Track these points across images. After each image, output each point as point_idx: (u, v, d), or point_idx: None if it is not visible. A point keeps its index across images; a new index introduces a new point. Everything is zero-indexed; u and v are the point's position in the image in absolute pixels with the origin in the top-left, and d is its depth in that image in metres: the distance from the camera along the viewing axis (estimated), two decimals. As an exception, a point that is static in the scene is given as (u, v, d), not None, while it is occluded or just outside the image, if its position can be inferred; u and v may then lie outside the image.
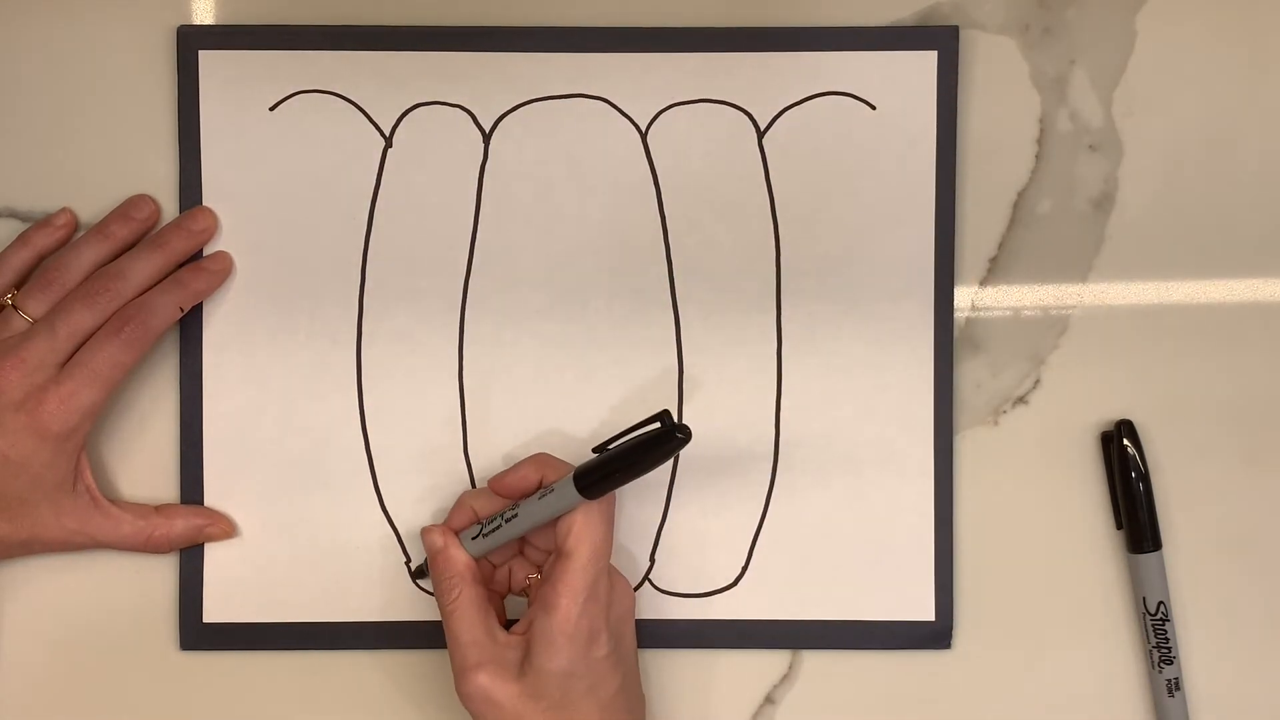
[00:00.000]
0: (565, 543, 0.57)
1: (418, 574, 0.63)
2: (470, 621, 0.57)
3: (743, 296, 0.63)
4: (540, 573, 0.60)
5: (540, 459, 0.60)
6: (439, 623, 0.58)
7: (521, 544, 0.61)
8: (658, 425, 0.55)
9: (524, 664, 0.57)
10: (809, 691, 0.64)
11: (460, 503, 0.60)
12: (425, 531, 0.59)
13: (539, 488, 0.59)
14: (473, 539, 0.59)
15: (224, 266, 0.62)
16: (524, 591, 0.61)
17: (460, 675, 0.57)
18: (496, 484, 0.59)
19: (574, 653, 0.56)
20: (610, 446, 0.57)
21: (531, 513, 0.58)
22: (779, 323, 0.63)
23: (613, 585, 0.59)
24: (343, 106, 0.62)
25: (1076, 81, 0.63)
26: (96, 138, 0.63)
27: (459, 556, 0.59)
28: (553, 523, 0.58)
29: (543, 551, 0.61)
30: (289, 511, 0.63)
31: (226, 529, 0.62)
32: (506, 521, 0.58)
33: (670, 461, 0.62)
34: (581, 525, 0.57)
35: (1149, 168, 0.63)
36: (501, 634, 0.58)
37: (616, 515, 0.62)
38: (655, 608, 0.63)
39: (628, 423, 0.57)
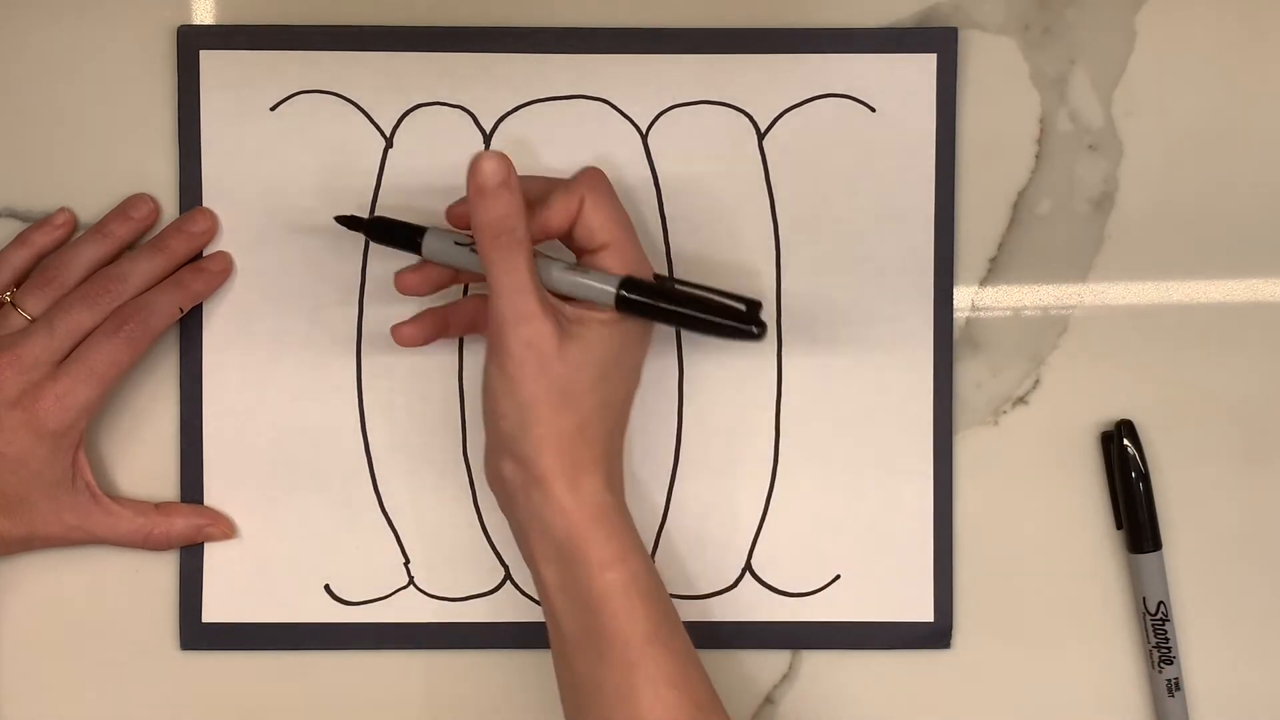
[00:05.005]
0: (596, 238, 0.56)
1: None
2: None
3: (743, 297, 0.63)
4: None
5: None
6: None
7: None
8: (741, 305, 0.54)
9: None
10: (809, 691, 0.64)
11: None
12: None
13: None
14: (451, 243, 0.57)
15: (224, 267, 0.62)
16: None
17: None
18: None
19: None
20: (681, 284, 0.55)
21: (558, 280, 0.55)
22: (779, 323, 0.63)
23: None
24: (343, 106, 0.62)
25: (1076, 81, 0.63)
26: (96, 138, 0.62)
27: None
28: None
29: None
30: (289, 511, 0.63)
31: (226, 529, 0.62)
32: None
33: (671, 461, 0.63)
34: (605, 216, 0.56)
35: (1149, 168, 0.63)
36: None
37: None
38: (655, 608, 0.63)
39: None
